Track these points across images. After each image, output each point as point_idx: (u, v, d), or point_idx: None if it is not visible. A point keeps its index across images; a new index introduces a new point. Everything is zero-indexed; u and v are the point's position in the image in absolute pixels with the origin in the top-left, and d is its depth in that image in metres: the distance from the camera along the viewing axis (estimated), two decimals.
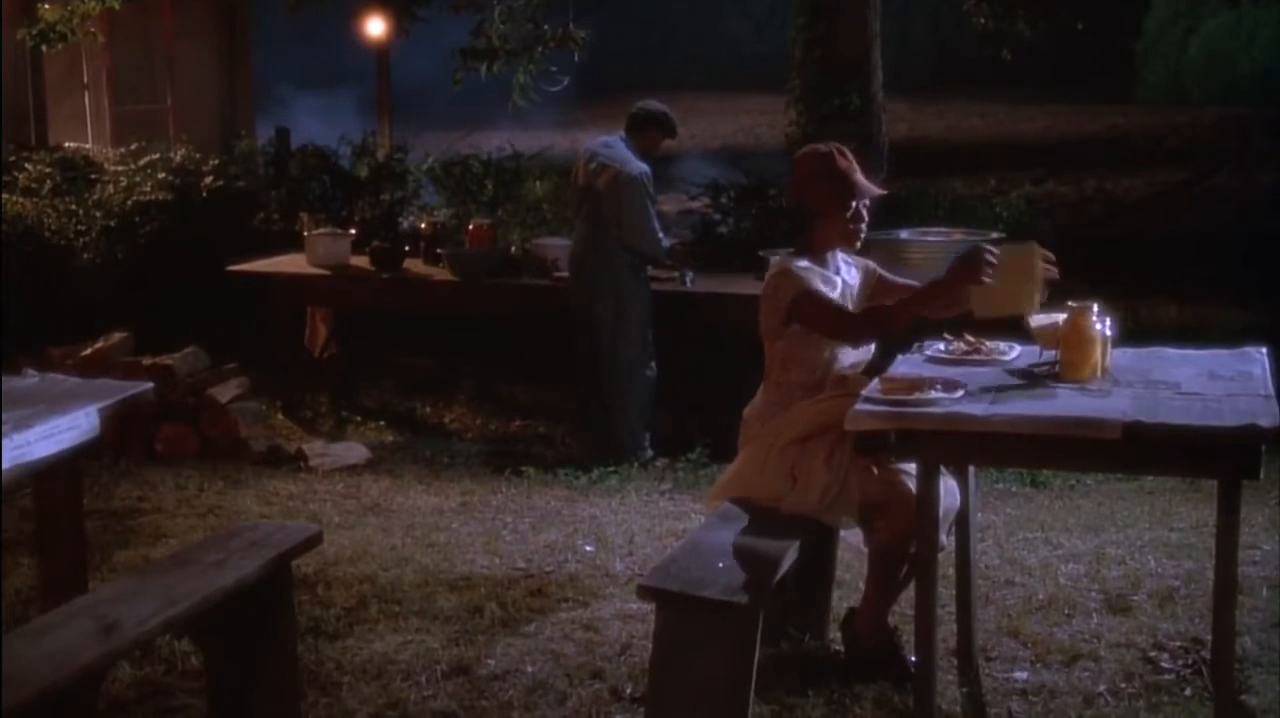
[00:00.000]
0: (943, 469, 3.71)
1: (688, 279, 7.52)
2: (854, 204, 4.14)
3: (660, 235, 7.25)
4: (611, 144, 7.26)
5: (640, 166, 7.12)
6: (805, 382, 4.10)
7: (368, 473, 6.83)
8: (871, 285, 4.28)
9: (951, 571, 4.15)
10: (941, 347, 4.06)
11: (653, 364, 7.27)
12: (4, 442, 3.46)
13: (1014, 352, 4.00)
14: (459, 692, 3.97)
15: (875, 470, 3.89)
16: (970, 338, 4.09)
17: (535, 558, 5.24)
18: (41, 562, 4.19)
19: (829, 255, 4.19)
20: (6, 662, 2.94)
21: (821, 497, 3.95)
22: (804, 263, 4.13)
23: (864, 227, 4.19)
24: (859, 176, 4.17)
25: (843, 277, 4.20)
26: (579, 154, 7.47)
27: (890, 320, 4.05)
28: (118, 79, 12.30)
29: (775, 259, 4.23)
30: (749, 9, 34.48)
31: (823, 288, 4.07)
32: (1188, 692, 3.88)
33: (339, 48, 13.94)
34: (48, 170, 9.61)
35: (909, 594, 3.89)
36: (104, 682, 3.63)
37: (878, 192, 4.22)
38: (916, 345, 4.11)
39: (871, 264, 4.34)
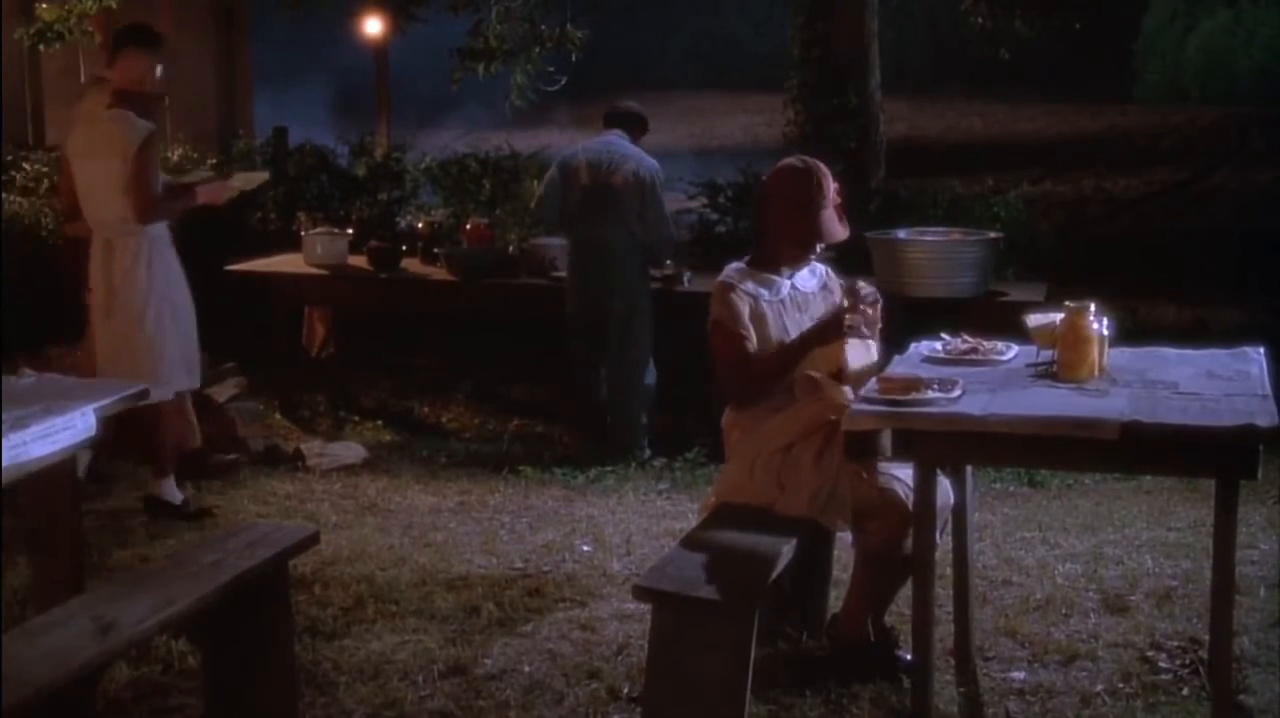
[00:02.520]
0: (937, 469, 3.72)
1: (686, 278, 7.53)
2: (813, 245, 4.13)
3: (673, 230, 7.26)
4: (614, 143, 7.21)
5: (654, 163, 7.13)
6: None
7: (365, 473, 6.83)
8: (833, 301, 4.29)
9: (949, 570, 4.15)
10: (939, 346, 4.06)
11: (652, 364, 7.27)
12: (2, 441, 3.46)
13: (1011, 351, 4.00)
14: (456, 692, 3.97)
15: (865, 475, 3.89)
16: (968, 337, 4.09)
17: (532, 558, 5.24)
18: (38, 562, 4.19)
19: (779, 263, 4.18)
20: (4, 662, 2.94)
21: (811, 500, 3.94)
22: (745, 274, 4.13)
23: (812, 259, 4.20)
24: (826, 216, 4.09)
25: (793, 282, 4.19)
26: (572, 159, 7.30)
27: (762, 382, 4.05)
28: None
29: (728, 265, 4.23)
30: (747, 8, 34.49)
31: (742, 314, 4.03)
32: (1185, 692, 3.88)
33: (331, 47, 13.93)
34: (45, 170, 9.60)
35: (906, 594, 3.89)
36: (101, 682, 3.63)
37: (841, 237, 4.16)
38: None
39: (837, 286, 4.30)
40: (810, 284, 4.24)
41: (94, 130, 5.62)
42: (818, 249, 4.17)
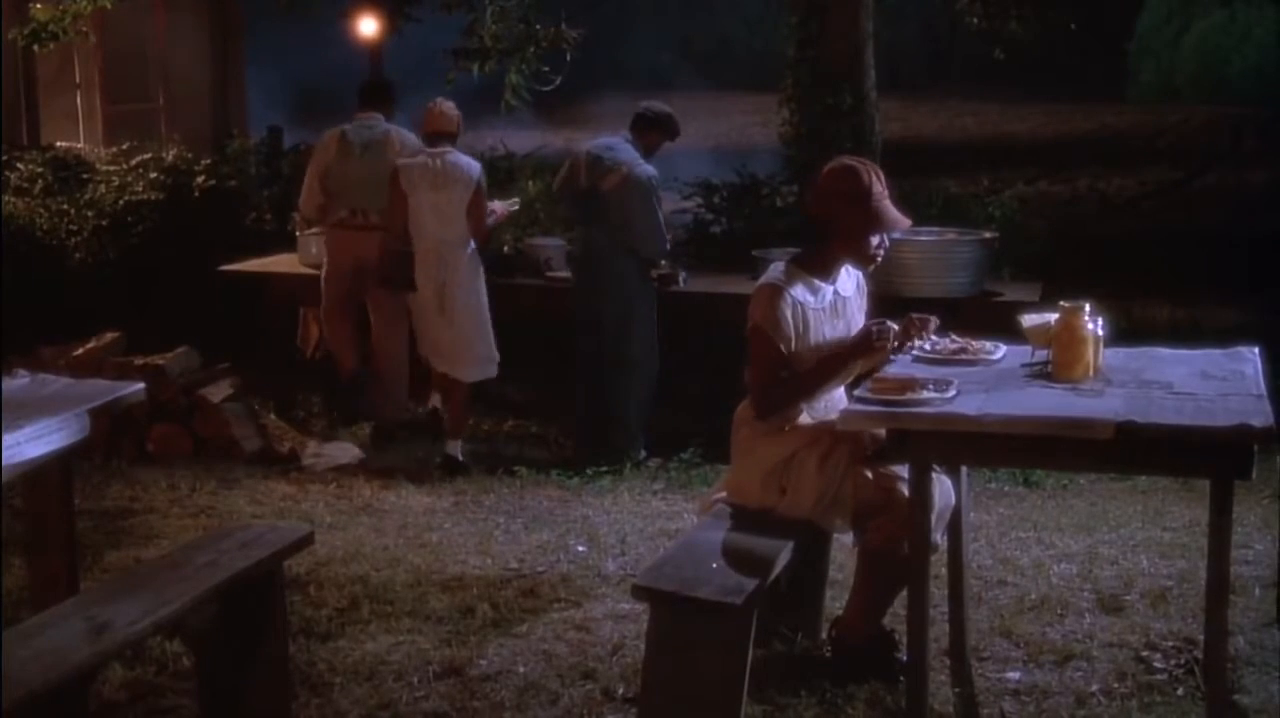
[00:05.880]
0: (937, 469, 3.72)
1: (681, 279, 7.51)
2: (880, 236, 4.03)
3: (666, 237, 7.21)
4: (615, 145, 7.14)
5: (648, 169, 7.03)
6: None
7: (360, 473, 6.81)
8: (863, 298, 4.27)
9: (944, 570, 4.15)
10: (927, 345, 4.04)
11: (656, 364, 7.24)
12: None
13: (1000, 351, 4.00)
14: (451, 693, 3.97)
15: (870, 474, 3.88)
16: (956, 337, 4.08)
17: (528, 558, 5.24)
18: (32, 562, 4.18)
19: (834, 267, 4.11)
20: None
21: (816, 502, 3.93)
22: (793, 276, 4.03)
23: (885, 253, 4.09)
24: (888, 205, 4.00)
25: (836, 287, 4.12)
26: (578, 156, 7.30)
27: (793, 400, 4.01)
28: (109, 78, 12.28)
29: (773, 265, 4.18)
30: (742, 8, 34.50)
31: (784, 323, 3.95)
32: (1180, 692, 3.88)
33: (325, 47, 13.90)
34: (39, 170, 9.58)
35: (903, 596, 3.89)
36: (95, 683, 3.62)
37: (906, 223, 4.07)
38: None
39: (864, 283, 4.28)
40: (849, 289, 4.18)
41: (435, 167, 6.98)
42: (886, 243, 4.06)
